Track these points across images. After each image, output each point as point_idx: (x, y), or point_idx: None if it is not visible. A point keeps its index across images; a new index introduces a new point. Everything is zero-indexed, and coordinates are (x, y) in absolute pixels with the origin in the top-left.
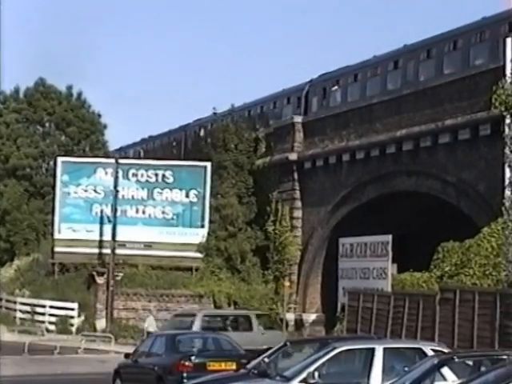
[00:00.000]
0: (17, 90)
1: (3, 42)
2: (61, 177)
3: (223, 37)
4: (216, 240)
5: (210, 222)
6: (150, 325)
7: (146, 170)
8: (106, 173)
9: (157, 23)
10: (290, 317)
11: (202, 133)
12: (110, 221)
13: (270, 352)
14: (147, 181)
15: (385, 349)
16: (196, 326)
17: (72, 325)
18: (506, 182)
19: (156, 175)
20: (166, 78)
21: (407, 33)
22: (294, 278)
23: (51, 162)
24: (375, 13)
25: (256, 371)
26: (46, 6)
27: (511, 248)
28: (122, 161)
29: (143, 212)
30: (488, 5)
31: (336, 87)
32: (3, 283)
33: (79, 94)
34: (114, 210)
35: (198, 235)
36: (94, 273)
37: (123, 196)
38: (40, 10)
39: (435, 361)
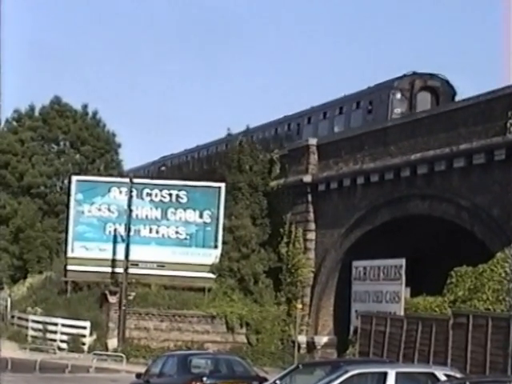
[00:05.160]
0: (32, 108)
1: (7, 60)
2: (75, 195)
3: (237, 60)
4: (229, 261)
5: (224, 242)
6: None
7: (160, 190)
8: (120, 192)
9: (172, 43)
10: (302, 339)
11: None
12: (123, 240)
13: (282, 374)
14: (161, 200)
15: (397, 373)
16: None
17: (84, 343)
18: None
19: (170, 195)
20: (183, 98)
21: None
22: (307, 300)
23: (66, 181)
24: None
25: None
26: (60, 26)
27: None
28: (136, 180)
29: (157, 232)
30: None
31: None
32: (16, 301)
33: (94, 113)
34: (128, 230)
35: (211, 256)
36: (107, 292)
37: (137, 215)
38: (55, 29)
39: None
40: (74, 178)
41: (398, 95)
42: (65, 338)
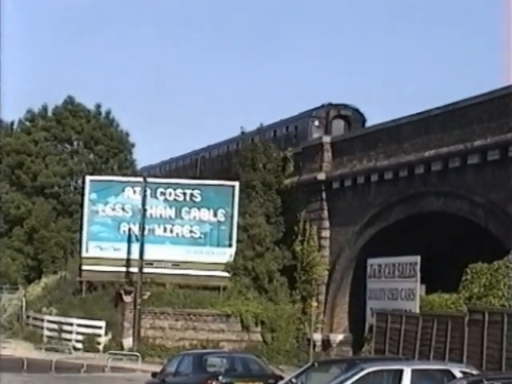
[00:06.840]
0: (45, 108)
1: (20, 60)
2: (89, 195)
3: (251, 59)
4: (243, 259)
5: (238, 241)
6: None
7: (174, 189)
8: (134, 191)
9: (183, 43)
10: (318, 337)
11: None
12: (137, 239)
13: (297, 372)
14: (175, 200)
15: (413, 370)
16: None
17: (99, 343)
18: None
19: (184, 194)
20: (197, 97)
21: None
22: (322, 298)
23: (79, 181)
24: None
25: None
26: (73, 26)
27: None
28: (150, 179)
29: (171, 231)
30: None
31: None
32: (30, 301)
33: (108, 113)
34: (142, 229)
35: (226, 254)
36: (122, 291)
37: (151, 215)
38: (68, 29)
39: (464, 383)
40: (88, 178)
41: (316, 122)
42: (80, 337)
